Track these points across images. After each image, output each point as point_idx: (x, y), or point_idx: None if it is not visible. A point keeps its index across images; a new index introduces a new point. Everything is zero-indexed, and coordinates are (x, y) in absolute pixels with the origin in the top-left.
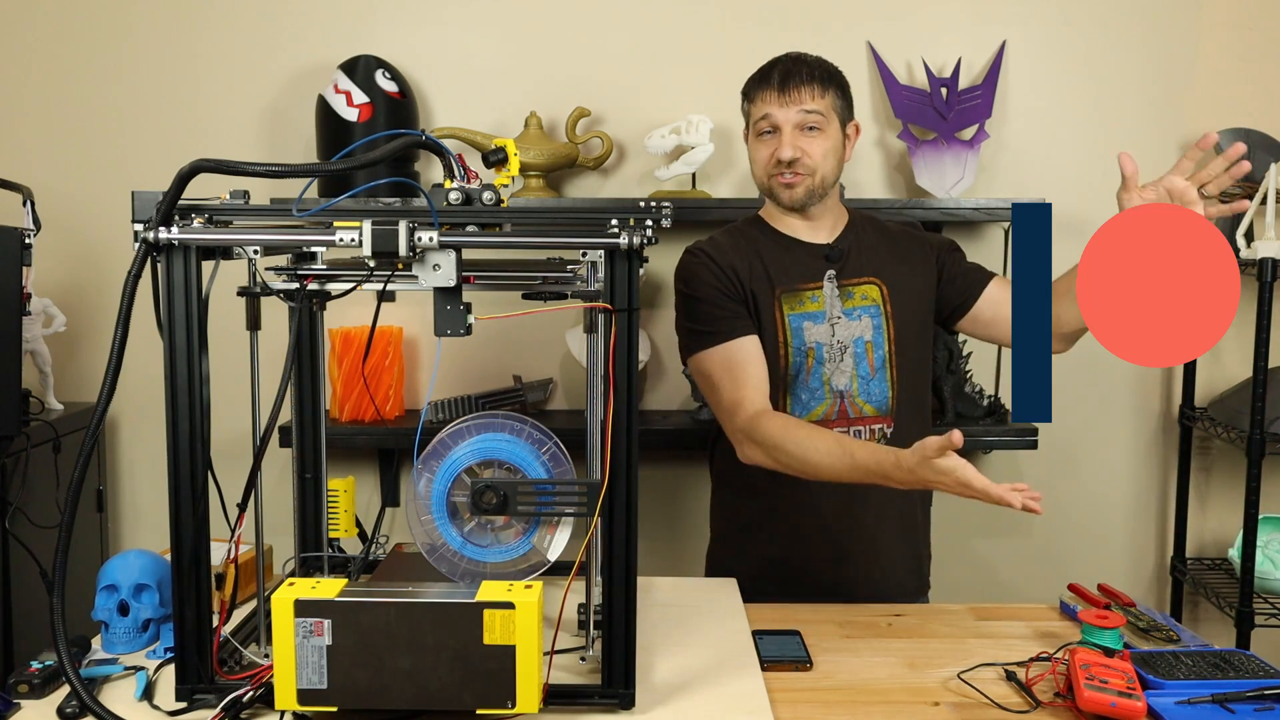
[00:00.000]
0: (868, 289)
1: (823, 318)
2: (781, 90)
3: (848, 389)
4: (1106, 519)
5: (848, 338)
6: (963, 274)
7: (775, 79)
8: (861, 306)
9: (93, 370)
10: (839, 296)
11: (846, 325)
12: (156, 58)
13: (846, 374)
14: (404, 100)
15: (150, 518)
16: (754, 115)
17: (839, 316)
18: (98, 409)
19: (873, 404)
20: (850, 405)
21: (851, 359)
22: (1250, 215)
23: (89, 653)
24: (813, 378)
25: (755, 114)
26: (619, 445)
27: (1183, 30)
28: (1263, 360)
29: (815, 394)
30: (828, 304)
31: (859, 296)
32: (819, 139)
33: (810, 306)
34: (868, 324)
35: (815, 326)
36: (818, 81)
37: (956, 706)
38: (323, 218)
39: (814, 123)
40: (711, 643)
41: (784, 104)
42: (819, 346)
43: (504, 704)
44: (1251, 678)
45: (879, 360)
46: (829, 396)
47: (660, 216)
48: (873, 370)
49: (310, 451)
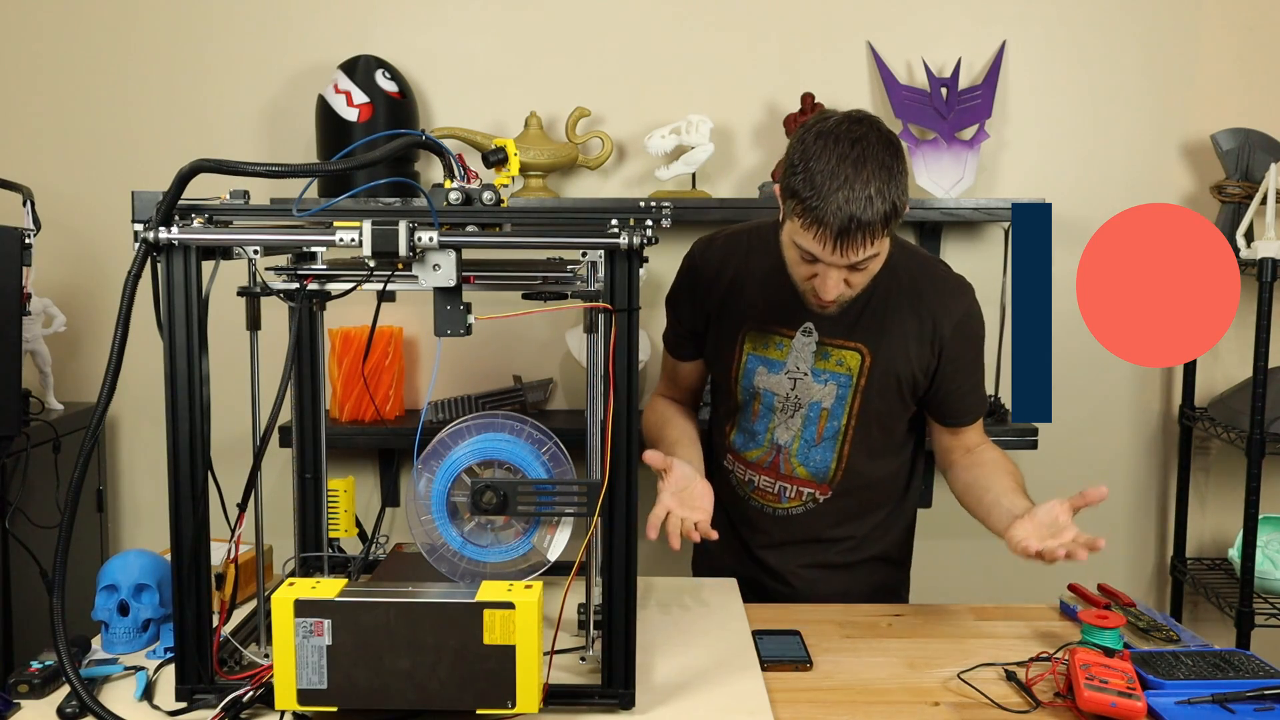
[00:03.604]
0: (847, 355)
1: (781, 368)
2: (836, 246)
3: (787, 446)
4: (1106, 519)
5: (805, 399)
6: (950, 396)
7: (831, 231)
8: (833, 373)
9: (93, 370)
10: (814, 353)
11: (809, 385)
12: (157, 58)
13: (791, 431)
14: (404, 100)
15: (150, 518)
16: (795, 235)
17: (805, 373)
18: (98, 409)
19: (809, 469)
20: (784, 462)
21: (801, 420)
22: (1250, 215)
23: (89, 653)
24: (759, 421)
25: (798, 237)
26: (619, 445)
27: (1183, 30)
28: (1263, 360)
29: (755, 438)
30: (792, 356)
31: (834, 361)
32: (866, 272)
33: (773, 354)
34: (831, 391)
35: (769, 375)
36: (876, 237)
37: (956, 706)
38: (323, 218)
39: (864, 265)
40: (711, 643)
41: (835, 257)
42: (767, 395)
43: (504, 704)
44: (1251, 678)
45: (830, 431)
46: (767, 445)
47: (660, 216)
48: (819, 438)
49: (310, 451)
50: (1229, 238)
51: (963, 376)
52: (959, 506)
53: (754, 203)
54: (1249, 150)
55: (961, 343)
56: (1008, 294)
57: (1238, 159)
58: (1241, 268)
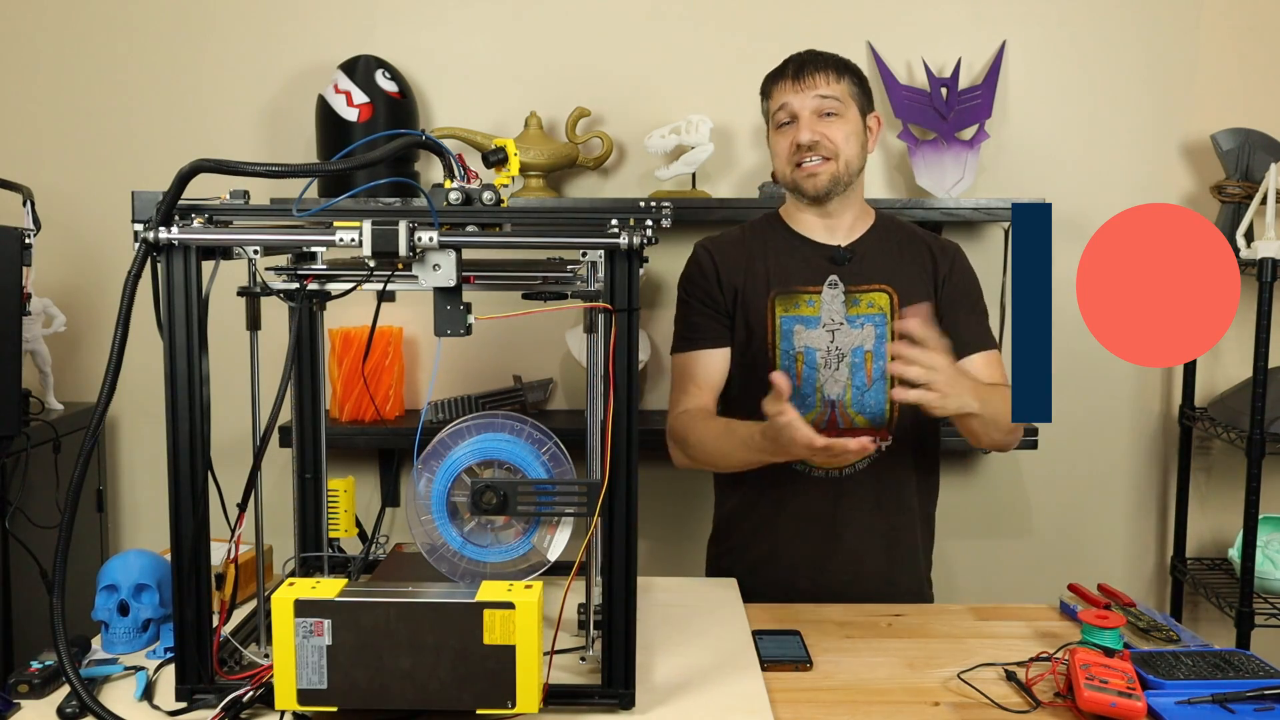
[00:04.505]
0: (876, 296)
1: (817, 322)
2: (796, 79)
3: (840, 399)
4: (1106, 519)
5: (847, 346)
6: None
7: (790, 69)
8: (866, 314)
9: (93, 370)
10: (844, 303)
11: (847, 333)
12: (157, 58)
13: (841, 383)
14: (404, 100)
15: (150, 518)
16: (772, 108)
17: (840, 323)
18: (98, 409)
19: (866, 415)
20: (841, 415)
21: (848, 368)
22: (1250, 215)
23: (89, 653)
24: (804, 384)
25: (773, 106)
26: (619, 445)
27: (1183, 30)
28: (1263, 360)
29: (806, 401)
30: (825, 309)
31: (865, 304)
32: (838, 123)
33: (805, 310)
34: (870, 333)
35: (807, 331)
36: (832, 68)
37: (956, 706)
38: (323, 218)
39: (831, 108)
40: (711, 643)
41: (799, 90)
42: (810, 352)
43: (504, 704)
44: (1251, 678)
45: (878, 371)
46: (820, 405)
47: (660, 216)
48: (869, 381)
49: (310, 451)
50: (1229, 238)
51: (962, 307)
52: (959, 507)
53: (754, 203)
54: (1249, 150)
55: (959, 275)
56: (1008, 294)
57: (1238, 159)
58: (1241, 268)
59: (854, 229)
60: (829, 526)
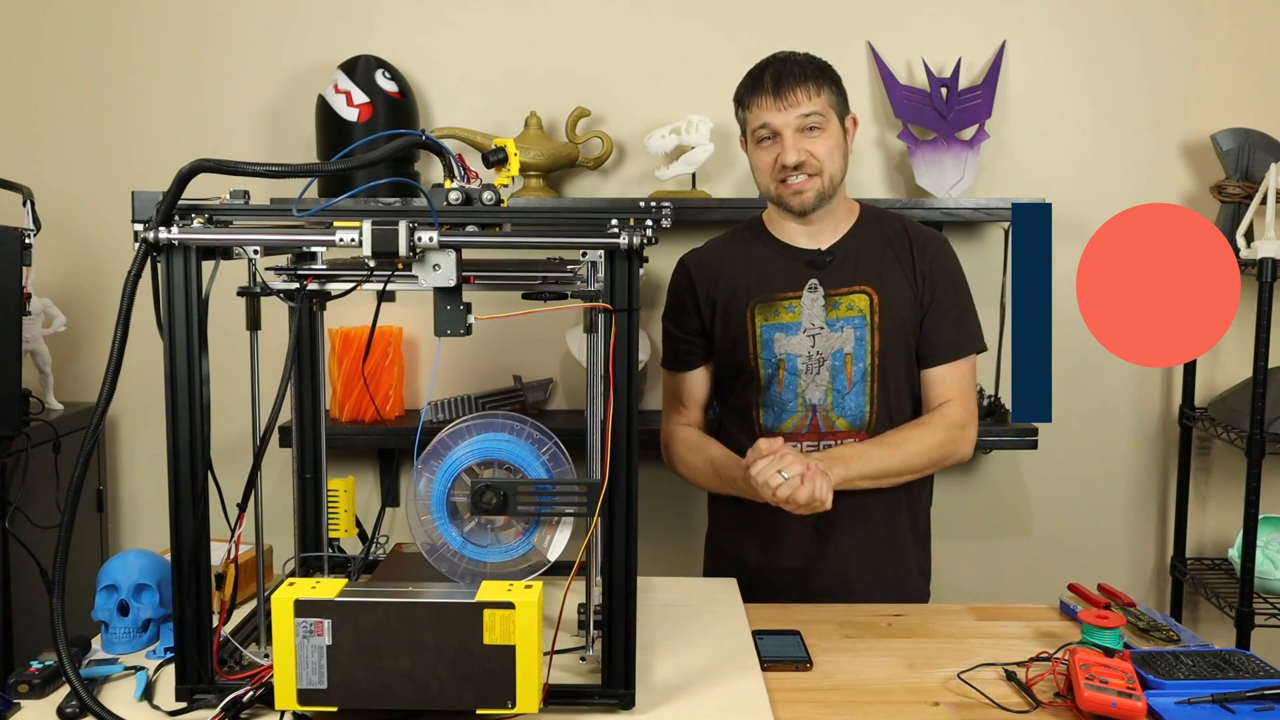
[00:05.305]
0: (856, 299)
1: (797, 329)
2: (776, 95)
3: (821, 402)
4: (1106, 519)
5: (827, 350)
6: (928, 335)
7: (768, 84)
8: (846, 317)
9: (93, 370)
10: (823, 306)
11: (827, 337)
12: (157, 58)
13: (822, 387)
14: (404, 100)
15: (150, 518)
16: (751, 123)
17: (820, 328)
18: (98, 409)
19: (846, 419)
20: (823, 419)
21: (828, 372)
22: (1250, 215)
23: (89, 653)
24: (785, 390)
25: (752, 122)
26: (619, 445)
27: (1183, 30)
28: (1263, 360)
29: (787, 407)
30: (805, 314)
31: (845, 307)
32: (821, 138)
33: (785, 317)
34: (849, 336)
35: (788, 338)
36: (811, 81)
37: (956, 706)
38: (323, 218)
39: (814, 123)
40: (711, 643)
41: (781, 109)
42: (790, 358)
43: (504, 704)
44: (1251, 678)
45: (858, 374)
46: (801, 410)
47: (660, 216)
48: (850, 384)
49: (310, 451)
50: (1229, 238)
51: (939, 306)
52: (959, 507)
53: (754, 203)
54: (1249, 150)
55: (940, 270)
56: (1008, 294)
57: (1238, 159)
58: (1241, 268)
59: (837, 230)
60: (821, 529)
